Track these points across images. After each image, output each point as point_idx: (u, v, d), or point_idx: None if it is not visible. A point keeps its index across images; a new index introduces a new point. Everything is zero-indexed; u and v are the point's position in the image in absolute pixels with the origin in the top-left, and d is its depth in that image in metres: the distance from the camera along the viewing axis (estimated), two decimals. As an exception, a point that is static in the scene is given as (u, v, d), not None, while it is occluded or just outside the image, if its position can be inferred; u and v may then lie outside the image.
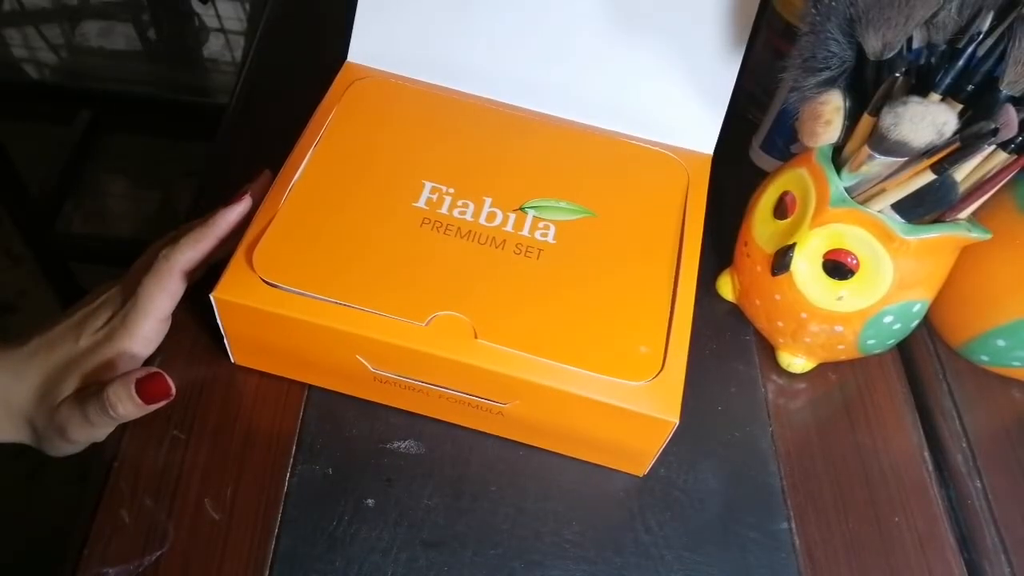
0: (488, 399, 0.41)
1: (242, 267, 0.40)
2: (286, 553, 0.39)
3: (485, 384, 0.40)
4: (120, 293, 0.42)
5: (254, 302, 0.39)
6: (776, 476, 0.45)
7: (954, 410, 0.50)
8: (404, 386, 0.42)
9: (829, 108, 0.42)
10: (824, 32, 0.41)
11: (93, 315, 0.42)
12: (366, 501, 0.41)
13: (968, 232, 0.42)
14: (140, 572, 0.38)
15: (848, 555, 0.43)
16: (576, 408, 0.40)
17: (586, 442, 0.43)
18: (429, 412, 0.44)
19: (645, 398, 0.39)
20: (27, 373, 0.40)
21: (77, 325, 0.41)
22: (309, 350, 0.42)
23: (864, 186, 0.42)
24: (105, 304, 0.42)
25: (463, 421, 0.44)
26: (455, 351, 0.39)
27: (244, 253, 0.41)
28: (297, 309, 0.39)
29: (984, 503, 0.46)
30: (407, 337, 0.39)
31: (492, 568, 0.40)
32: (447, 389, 0.41)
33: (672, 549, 0.42)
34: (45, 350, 0.41)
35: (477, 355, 0.39)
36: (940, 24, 0.40)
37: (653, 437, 0.41)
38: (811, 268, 0.44)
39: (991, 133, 0.37)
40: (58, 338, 0.41)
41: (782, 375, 0.50)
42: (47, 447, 0.41)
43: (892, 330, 0.45)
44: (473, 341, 0.39)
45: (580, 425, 0.41)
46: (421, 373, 0.41)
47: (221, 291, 0.40)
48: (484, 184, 0.46)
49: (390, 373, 0.41)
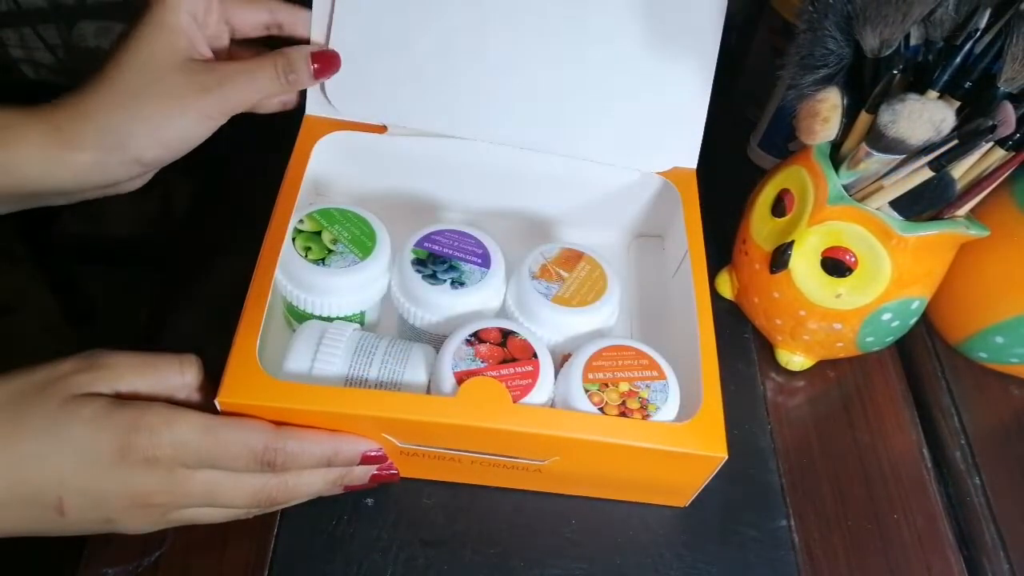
0: (526, 459, 0.39)
1: (245, 361, 0.36)
2: (286, 552, 0.39)
3: (522, 446, 0.38)
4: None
5: (263, 400, 0.36)
6: (775, 474, 0.45)
7: (953, 407, 0.50)
8: (435, 456, 0.39)
9: (827, 106, 0.42)
10: (822, 30, 0.41)
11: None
12: (366, 500, 0.41)
13: (966, 229, 0.42)
14: (140, 572, 0.38)
15: (847, 552, 0.43)
16: (620, 456, 0.38)
17: (630, 485, 0.42)
18: (463, 479, 0.42)
19: (690, 437, 0.38)
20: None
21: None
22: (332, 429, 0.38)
23: (862, 183, 0.42)
24: None
25: (499, 482, 0.42)
26: (489, 419, 0.37)
27: (243, 349, 0.37)
28: (312, 400, 0.36)
29: (983, 500, 0.46)
30: (437, 412, 0.36)
31: (491, 567, 0.40)
32: (481, 454, 0.39)
33: (671, 547, 0.42)
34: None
35: (513, 419, 0.37)
36: (937, 21, 0.40)
37: (699, 472, 0.40)
38: (809, 266, 0.44)
39: (989, 130, 0.37)
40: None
41: (781, 373, 0.50)
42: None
43: (890, 327, 0.45)
44: (508, 404, 0.37)
45: (624, 471, 0.40)
46: (453, 443, 0.39)
47: (226, 396, 0.35)
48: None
49: (420, 446, 0.39)
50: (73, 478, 0.33)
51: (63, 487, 0.33)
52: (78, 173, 0.38)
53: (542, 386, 0.38)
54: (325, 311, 0.42)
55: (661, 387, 0.39)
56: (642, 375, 0.40)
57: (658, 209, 0.51)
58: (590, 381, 0.39)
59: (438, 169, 0.50)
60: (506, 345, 0.39)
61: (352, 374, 0.38)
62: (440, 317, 0.42)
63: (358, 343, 0.39)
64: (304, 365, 0.38)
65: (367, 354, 0.39)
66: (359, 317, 0.43)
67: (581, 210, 0.52)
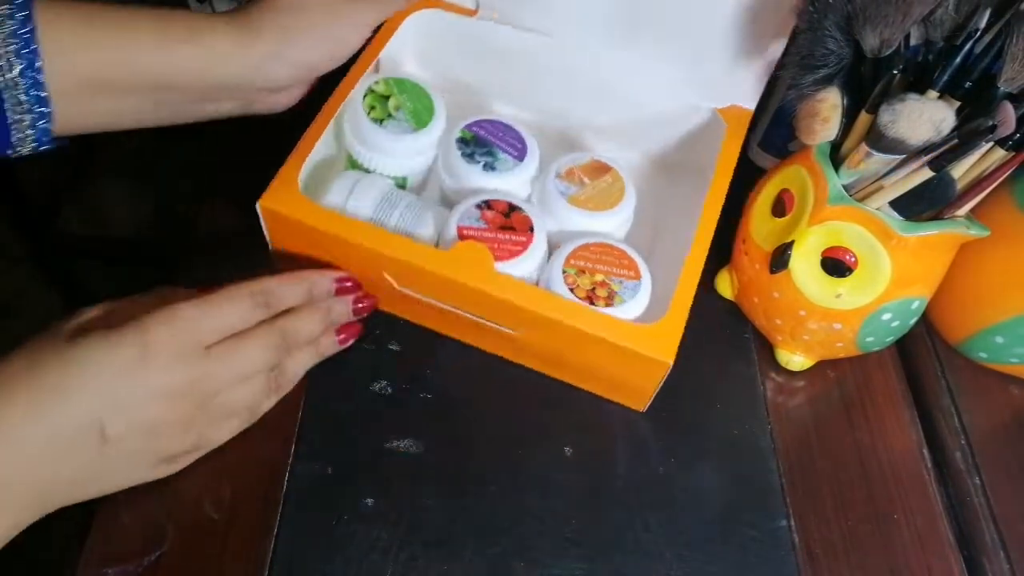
0: (501, 325, 0.43)
1: (289, 179, 0.43)
2: (285, 553, 0.39)
3: (496, 311, 0.42)
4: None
5: (294, 213, 0.42)
6: (775, 474, 0.45)
7: (953, 407, 0.50)
8: (426, 304, 0.44)
9: (827, 106, 0.42)
10: (822, 30, 0.41)
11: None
12: (365, 501, 0.41)
13: (966, 229, 0.42)
14: (140, 572, 0.38)
15: (847, 552, 0.43)
16: (577, 340, 0.41)
17: (591, 373, 0.44)
18: (448, 332, 0.46)
19: (643, 338, 0.40)
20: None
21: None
22: (343, 263, 0.44)
23: (862, 183, 0.42)
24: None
25: (478, 343, 0.46)
26: (470, 277, 0.41)
27: (292, 166, 0.43)
28: (333, 224, 0.42)
29: (983, 500, 0.46)
30: (428, 260, 0.41)
31: (492, 567, 0.40)
32: (465, 313, 0.43)
33: (672, 547, 0.42)
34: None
35: (490, 283, 0.41)
36: (937, 21, 0.40)
37: (649, 375, 0.42)
38: (809, 266, 0.44)
39: (989, 130, 0.37)
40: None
41: (781, 373, 0.50)
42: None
43: (890, 327, 0.45)
44: (491, 270, 0.42)
45: (585, 358, 0.43)
46: (439, 294, 0.43)
47: (266, 200, 0.42)
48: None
49: (413, 292, 0.43)
50: (105, 397, 0.34)
51: (99, 409, 0.34)
52: (258, 64, 0.42)
53: (528, 259, 0.43)
54: (371, 165, 0.47)
55: (633, 286, 0.43)
56: (619, 272, 0.44)
57: (706, 144, 0.51)
58: (570, 265, 0.43)
59: (511, 62, 0.53)
60: (510, 216, 0.45)
61: (375, 217, 0.45)
62: (467, 189, 0.47)
63: (386, 194, 0.45)
64: (338, 201, 0.45)
65: (391, 205, 0.45)
66: (401, 181, 0.48)
67: (631, 129, 0.54)
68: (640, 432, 0.45)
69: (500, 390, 0.46)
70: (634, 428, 0.46)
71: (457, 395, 0.45)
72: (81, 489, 0.36)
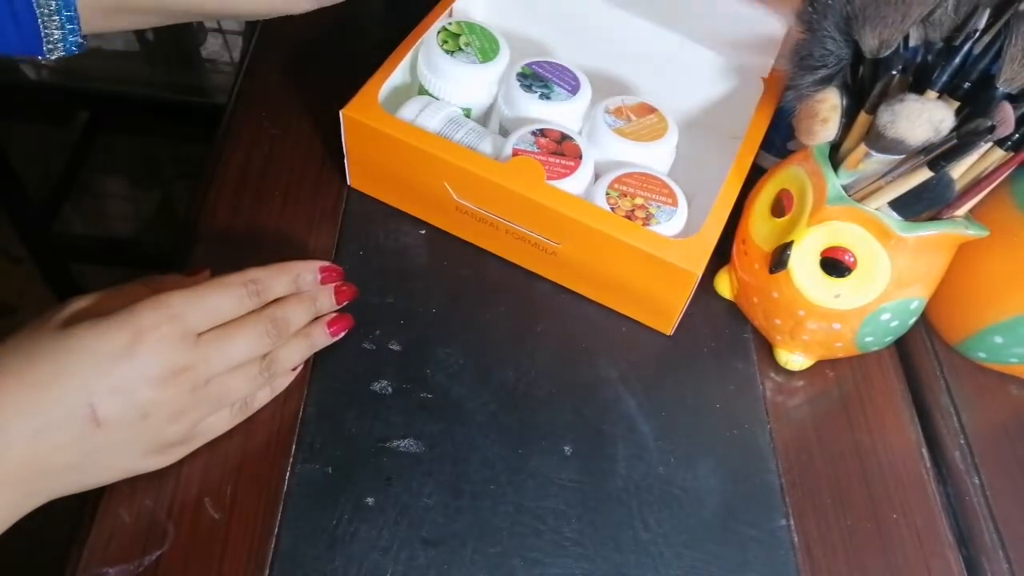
0: (546, 238, 0.47)
1: (370, 94, 0.48)
2: (286, 552, 0.39)
3: (544, 222, 0.46)
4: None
5: (372, 122, 0.47)
6: (774, 474, 0.45)
7: (952, 407, 0.50)
8: (479, 218, 0.49)
9: (826, 106, 0.42)
10: (821, 30, 0.41)
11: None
12: (366, 500, 0.41)
13: (965, 229, 0.42)
14: (140, 572, 0.38)
15: (846, 552, 0.43)
16: (617, 253, 0.45)
17: (624, 289, 0.48)
18: (495, 249, 0.51)
19: (675, 250, 0.44)
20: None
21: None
22: (409, 173, 0.48)
23: (861, 184, 0.42)
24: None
25: (521, 260, 0.51)
26: (524, 187, 0.45)
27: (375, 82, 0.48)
28: (404, 132, 0.47)
29: (982, 500, 0.46)
30: (487, 168, 0.46)
31: (492, 566, 0.40)
32: (514, 224, 0.47)
33: (671, 547, 0.42)
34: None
35: (542, 193, 0.45)
36: (937, 22, 0.40)
37: (679, 289, 0.45)
38: (809, 266, 0.44)
39: (988, 130, 0.37)
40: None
41: (780, 373, 0.50)
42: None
43: (890, 327, 0.45)
44: (542, 181, 0.46)
45: (620, 270, 0.47)
46: (494, 206, 0.47)
47: (349, 110, 0.47)
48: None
49: (469, 203, 0.48)
50: (97, 381, 0.34)
51: (90, 393, 0.34)
52: None
53: (575, 180, 0.47)
54: (440, 93, 0.51)
55: (669, 211, 0.46)
56: (658, 198, 0.47)
57: (747, 111, 0.52)
58: (613, 188, 0.47)
59: (570, 21, 0.57)
60: (562, 144, 0.48)
61: (442, 132, 0.49)
62: (523, 118, 0.50)
63: (452, 116, 0.50)
64: (409, 117, 0.49)
65: (457, 126, 0.49)
66: (466, 111, 0.52)
67: (678, 92, 0.56)
68: (640, 432, 0.46)
69: (500, 389, 0.46)
70: (634, 428, 0.46)
71: (457, 395, 0.45)
72: (77, 477, 0.36)
